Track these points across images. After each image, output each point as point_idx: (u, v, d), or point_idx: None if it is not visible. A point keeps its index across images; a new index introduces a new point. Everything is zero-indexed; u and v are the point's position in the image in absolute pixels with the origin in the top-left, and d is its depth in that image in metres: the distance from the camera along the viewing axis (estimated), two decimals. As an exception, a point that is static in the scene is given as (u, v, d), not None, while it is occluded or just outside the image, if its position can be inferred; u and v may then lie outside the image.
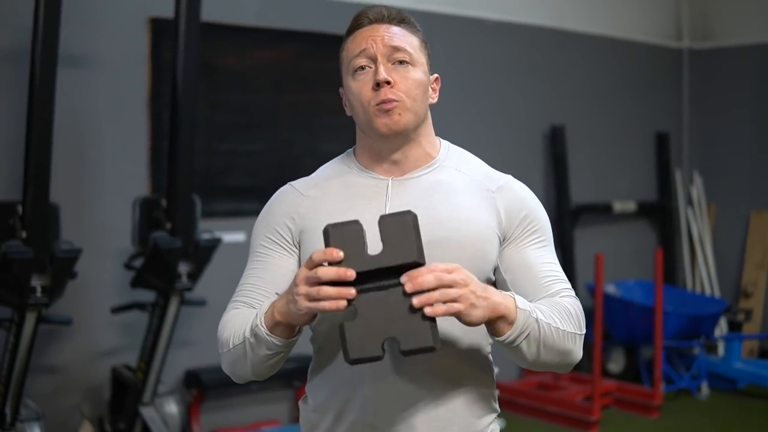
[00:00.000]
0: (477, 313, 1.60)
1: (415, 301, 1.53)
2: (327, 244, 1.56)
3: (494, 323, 1.66)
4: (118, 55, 4.74)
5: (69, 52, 4.31)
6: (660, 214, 7.38)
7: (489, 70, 6.29)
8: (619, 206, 6.96)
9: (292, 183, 1.93)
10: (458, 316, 1.59)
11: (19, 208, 3.89)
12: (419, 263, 1.55)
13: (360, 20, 1.84)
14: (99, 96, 4.67)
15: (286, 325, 1.70)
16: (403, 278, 1.55)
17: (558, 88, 6.70)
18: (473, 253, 1.77)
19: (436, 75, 1.91)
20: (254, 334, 1.72)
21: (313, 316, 1.67)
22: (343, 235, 1.55)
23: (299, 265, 1.85)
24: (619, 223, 7.11)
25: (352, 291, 1.54)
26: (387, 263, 1.54)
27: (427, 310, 1.53)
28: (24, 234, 3.85)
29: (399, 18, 1.85)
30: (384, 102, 1.77)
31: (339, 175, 1.89)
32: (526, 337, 1.67)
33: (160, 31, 4.79)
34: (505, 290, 1.78)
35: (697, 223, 7.43)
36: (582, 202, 6.71)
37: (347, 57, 1.83)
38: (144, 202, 4.44)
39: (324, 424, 1.85)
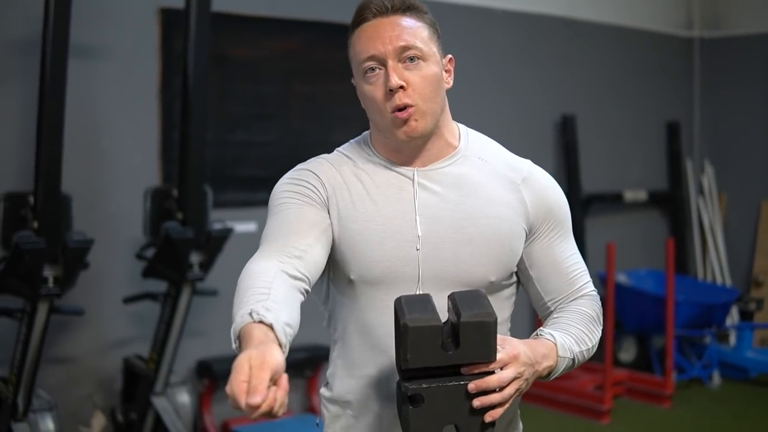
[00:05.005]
0: (524, 391, 1.67)
1: (476, 402, 1.57)
2: (405, 340, 1.56)
3: None
4: (129, 45, 4.73)
5: (79, 43, 4.31)
6: (671, 204, 7.37)
7: (499, 59, 6.27)
8: (630, 195, 6.94)
9: (323, 156, 1.85)
10: None
11: (31, 199, 3.90)
12: (489, 361, 1.60)
13: (363, 14, 1.75)
14: (110, 87, 4.67)
15: None
16: (470, 383, 1.58)
17: (569, 78, 6.68)
18: (501, 249, 1.77)
19: (449, 56, 1.82)
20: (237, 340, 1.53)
21: None
22: (422, 332, 1.56)
23: (331, 225, 1.76)
24: (629, 212, 7.09)
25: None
26: (460, 362, 1.59)
27: (486, 418, 1.58)
28: (36, 224, 3.86)
29: (403, 6, 1.74)
30: (399, 110, 1.71)
31: (362, 164, 1.82)
32: (559, 373, 1.75)
33: (171, 21, 4.78)
34: (529, 285, 1.85)
35: (708, 212, 7.40)
36: (593, 192, 6.69)
37: (356, 57, 1.75)
38: (155, 192, 4.44)
39: (347, 413, 1.83)
